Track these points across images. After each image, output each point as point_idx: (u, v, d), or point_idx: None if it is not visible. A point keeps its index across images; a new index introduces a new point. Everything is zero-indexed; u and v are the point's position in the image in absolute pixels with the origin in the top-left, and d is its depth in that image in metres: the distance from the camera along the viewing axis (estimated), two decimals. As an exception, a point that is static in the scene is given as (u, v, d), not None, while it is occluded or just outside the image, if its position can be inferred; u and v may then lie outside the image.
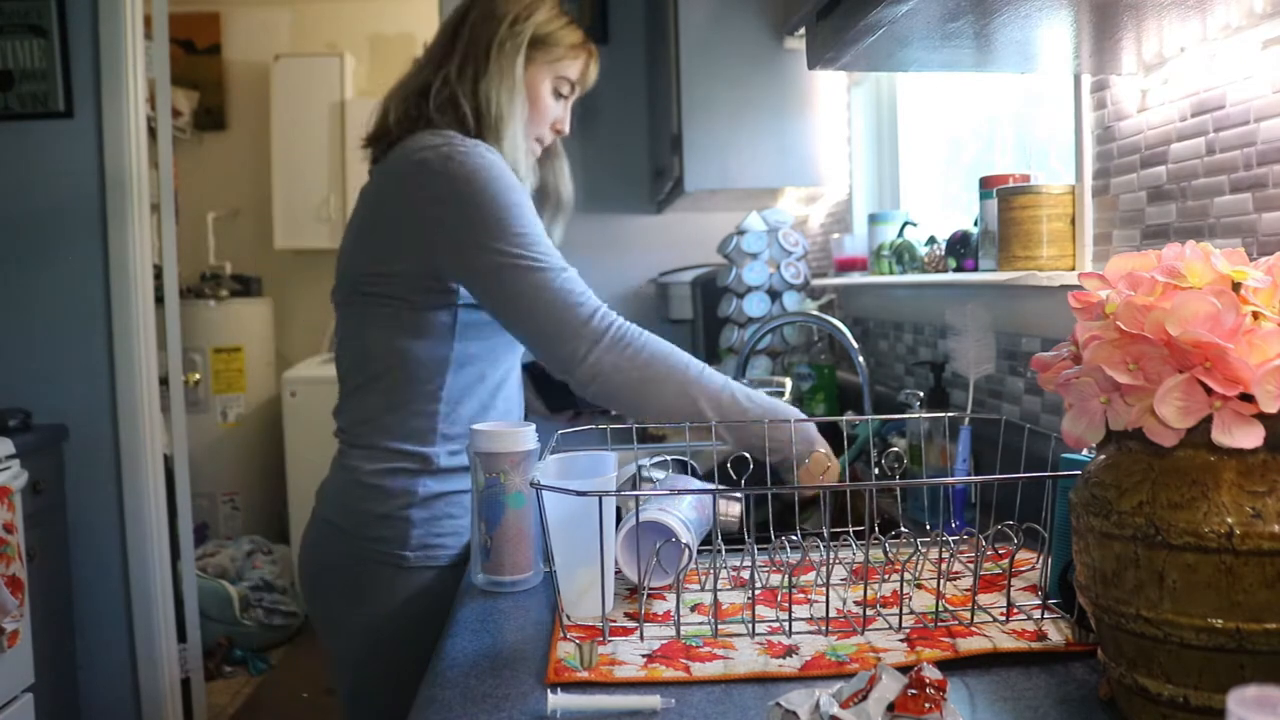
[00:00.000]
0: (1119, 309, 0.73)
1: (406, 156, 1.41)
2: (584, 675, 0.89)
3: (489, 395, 1.46)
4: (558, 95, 1.56)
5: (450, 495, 1.42)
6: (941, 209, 2.21)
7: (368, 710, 1.46)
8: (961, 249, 1.69)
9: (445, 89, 1.47)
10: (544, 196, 1.64)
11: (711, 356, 2.90)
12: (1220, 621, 0.68)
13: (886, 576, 1.13)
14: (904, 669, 0.76)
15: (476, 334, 1.44)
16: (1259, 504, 0.68)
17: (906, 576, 1.10)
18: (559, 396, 1.67)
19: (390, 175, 1.44)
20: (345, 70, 4.55)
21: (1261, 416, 0.68)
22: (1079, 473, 0.81)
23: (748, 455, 1.23)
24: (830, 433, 1.95)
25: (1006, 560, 1.05)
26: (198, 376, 4.26)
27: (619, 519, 1.13)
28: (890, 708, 0.72)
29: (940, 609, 0.99)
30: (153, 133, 2.89)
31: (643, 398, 1.38)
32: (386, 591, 1.39)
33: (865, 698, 0.72)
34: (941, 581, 1.03)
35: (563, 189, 1.66)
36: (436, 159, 1.38)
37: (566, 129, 1.59)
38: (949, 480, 1.28)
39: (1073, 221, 1.41)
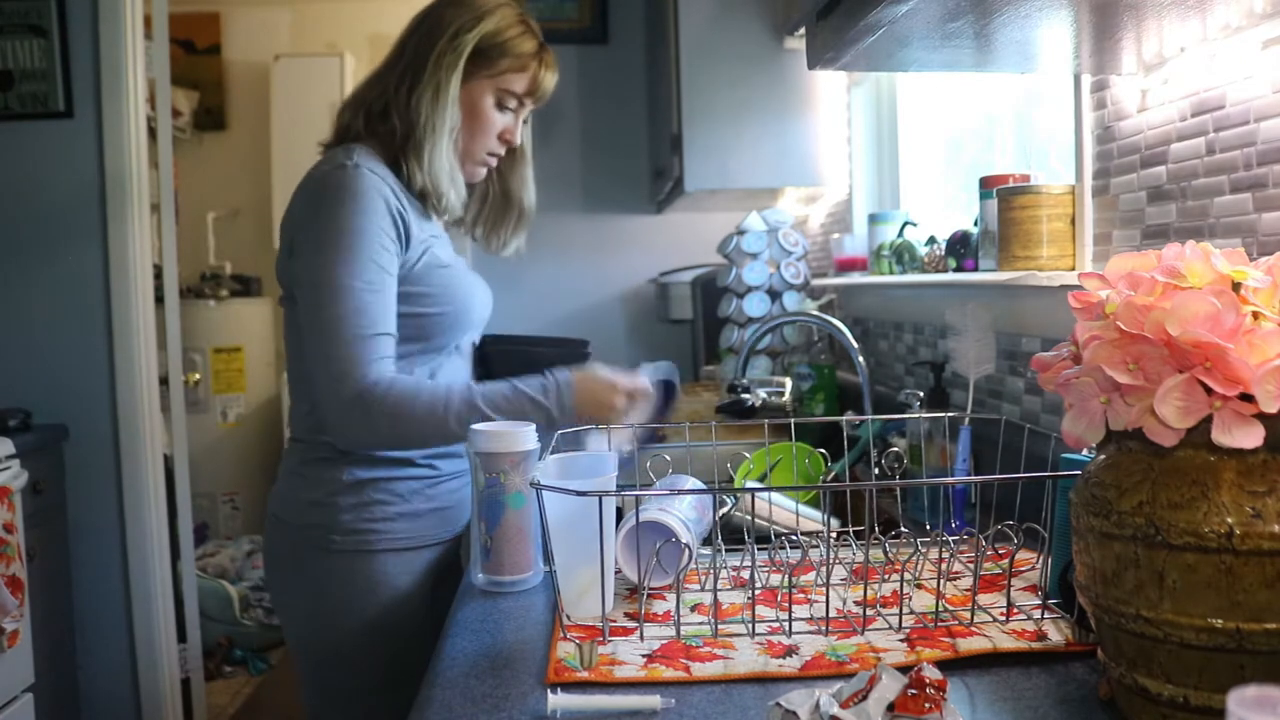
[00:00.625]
0: (1119, 309, 0.73)
1: (310, 173, 1.45)
2: (584, 675, 0.89)
3: None
4: (503, 108, 1.52)
5: (379, 482, 1.43)
6: (941, 209, 2.21)
7: (320, 695, 1.48)
8: (961, 249, 1.69)
9: (380, 101, 1.48)
10: (507, 204, 1.65)
11: (711, 356, 2.90)
12: (1220, 621, 0.68)
13: (886, 576, 1.13)
14: (904, 669, 0.76)
15: None
16: (1259, 504, 0.68)
17: (906, 576, 1.10)
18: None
19: (297, 188, 1.46)
20: (345, 70, 4.54)
21: (1261, 416, 0.68)
22: (1079, 473, 0.81)
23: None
24: (830, 433, 1.96)
25: (1006, 560, 1.05)
26: (198, 376, 4.25)
27: (619, 519, 1.13)
28: (890, 708, 0.72)
29: (940, 609, 0.99)
30: (153, 133, 2.89)
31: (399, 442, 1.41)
32: (318, 575, 1.43)
33: (865, 698, 0.72)
34: (941, 581, 1.03)
35: (526, 197, 1.66)
36: (319, 175, 1.41)
37: (517, 140, 1.56)
38: (949, 480, 1.28)
39: (1073, 221, 1.41)
